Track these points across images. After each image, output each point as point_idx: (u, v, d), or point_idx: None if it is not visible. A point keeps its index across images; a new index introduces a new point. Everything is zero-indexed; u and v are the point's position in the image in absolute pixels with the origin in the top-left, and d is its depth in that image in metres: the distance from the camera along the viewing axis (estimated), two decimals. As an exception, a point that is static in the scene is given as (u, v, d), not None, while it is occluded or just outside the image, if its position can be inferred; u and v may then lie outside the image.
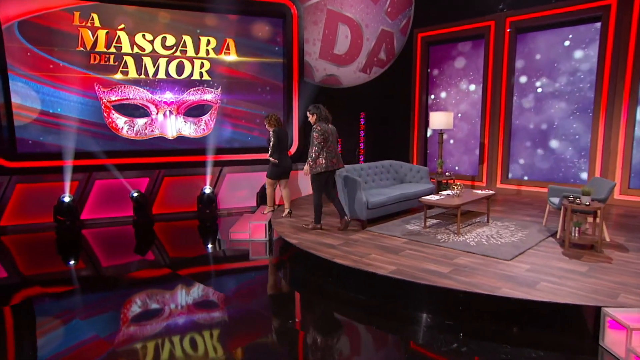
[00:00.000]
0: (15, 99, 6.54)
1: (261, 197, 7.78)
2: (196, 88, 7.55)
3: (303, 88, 8.12)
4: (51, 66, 6.66)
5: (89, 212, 6.96)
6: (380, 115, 9.29)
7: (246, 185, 7.87)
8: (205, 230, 6.95)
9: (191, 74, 7.46)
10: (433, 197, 5.38)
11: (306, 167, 5.35)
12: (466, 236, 5.02)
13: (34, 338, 3.56)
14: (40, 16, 6.50)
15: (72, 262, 5.63)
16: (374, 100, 9.16)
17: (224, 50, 7.62)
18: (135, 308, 4.09)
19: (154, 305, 4.10)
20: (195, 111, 7.62)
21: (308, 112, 5.43)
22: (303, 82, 8.13)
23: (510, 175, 8.07)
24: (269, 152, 6.29)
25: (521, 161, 7.92)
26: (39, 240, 6.32)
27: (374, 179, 6.40)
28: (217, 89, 7.70)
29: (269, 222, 6.10)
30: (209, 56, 7.54)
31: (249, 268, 5.39)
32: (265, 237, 6.02)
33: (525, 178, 7.89)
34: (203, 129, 7.72)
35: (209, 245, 6.28)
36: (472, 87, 8.45)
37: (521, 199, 7.46)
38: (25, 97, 6.59)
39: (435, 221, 5.73)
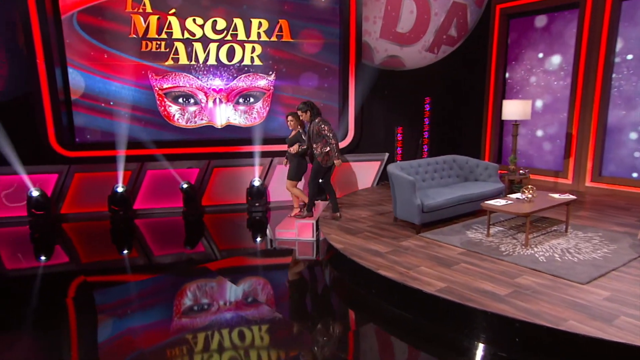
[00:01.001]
0: (73, 89, 7.13)
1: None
2: (247, 74, 7.69)
3: (361, 71, 7.95)
4: (105, 55, 7.13)
5: (141, 202, 7.47)
6: (448, 101, 8.84)
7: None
8: (254, 224, 7.17)
9: (242, 59, 7.61)
10: (498, 202, 5.04)
11: (337, 161, 5.85)
12: (536, 249, 4.67)
13: (92, 323, 4.05)
14: (96, 6, 6.96)
15: (125, 252, 6.17)
16: (441, 84, 8.73)
17: (276, 33, 7.66)
18: (180, 300, 4.43)
19: (189, 300, 4.38)
20: (246, 99, 7.79)
21: (299, 111, 5.87)
22: (361, 64, 7.95)
23: (604, 172, 7.33)
24: (305, 148, 6.13)
25: (619, 155, 7.14)
26: (95, 228, 6.94)
27: (433, 177, 6.14)
28: (269, 74, 7.79)
29: (317, 221, 6.13)
30: (261, 39, 7.62)
31: (290, 269, 5.51)
32: (313, 237, 6.07)
33: (624, 176, 7.12)
34: (254, 118, 7.88)
35: (256, 241, 6.52)
36: (557, 63, 7.71)
37: (616, 202, 6.74)
38: (83, 87, 7.15)
39: (500, 228, 5.39)
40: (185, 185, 7.31)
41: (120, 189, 7.16)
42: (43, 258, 5.96)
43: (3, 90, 6.77)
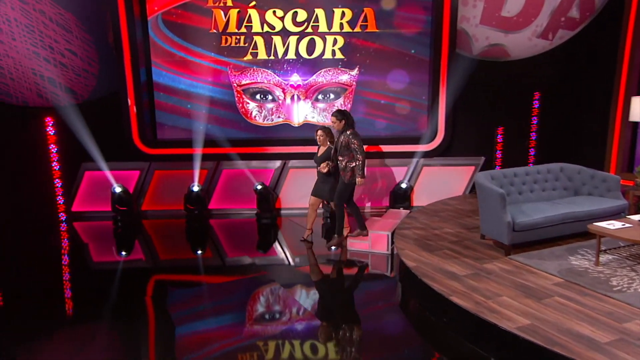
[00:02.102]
0: (156, 88, 7.75)
1: (395, 197, 7.65)
2: (327, 69, 7.72)
3: (455, 63, 7.54)
4: (186, 52, 7.63)
5: (216, 202, 7.90)
6: (563, 97, 8.02)
7: (379, 181, 7.83)
8: (331, 231, 7.20)
9: (322, 53, 7.65)
10: (611, 225, 4.45)
11: (359, 179, 5.78)
12: (659, 286, 4.04)
13: (165, 321, 4.44)
14: (180, 3, 7.47)
15: (199, 252, 6.61)
16: (555, 76, 7.94)
17: (360, 23, 7.57)
18: (251, 306, 4.77)
19: (259, 306, 4.70)
20: (326, 95, 7.83)
21: (334, 117, 5.76)
22: (455, 55, 7.55)
23: None
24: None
25: None
26: (171, 227, 7.49)
27: (533, 189, 5.61)
28: (352, 69, 7.74)
29: (392, 233, 5.96)
30: (343, 30, 7.59)
31: (357, 284, 5.49)
32: (387, 250, 5.92)
33: None
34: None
35: (331, 249, 6.53)
36: None
37: None
38: (165, 85, 7.74)
39: (615, 256, 4.75)
40: (259, 187, 7.56)
41: (195, 188, 7.63)
42: (124, 253, 6.59)
43: (94, 88, 7.59)
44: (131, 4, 7.20)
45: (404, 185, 7.65)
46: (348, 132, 5.68)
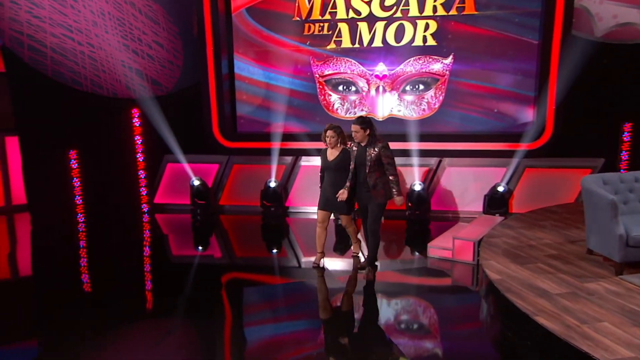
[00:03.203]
0: (238, 80, 8.10)
1: (490, 201, 7.21)
2: (417, 57, 7.50)
3: (569, 47, 6.92)
4: (269, 42, 7.88)
5: (293, 200, 8.03)
6: None
7: (472, 183, 7.43)
8: (411, 235, 6.99)
9: (412, 40, 7.45)
10: None
11: (399, 197, 5.18)
12: None
13: (238, 319, 4.63)
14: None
15: (274, 251, 6.78)
16: None
17: (456, 5, 7.25)
18: (324, 310, 4.80)
19: (333, 311, 4.75)
20: (414, 86, 7.62)
21: (358, 126, 5.05)
22: (570, 38, 6.92)
23: None
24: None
25: None
26: (248, 223, 7.76)
27: (656, 197, 4.95)
28: (446, 57, 7.45)
29: (479, 241, 5.61)
30: (437, 14, 7.33)
31: (436, 297, 5.22)
32: (473, 260, 5.58)
33: None
34: (424, 110, 7.65)
35: (414, 254, 6.40)
36: None
37: None
38: (247, 78, 8.06)
39: None
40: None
41: (272, 184, 7.83)
42: (200, 248, 6.95)
43: (177, 80, 8.14)
44: (216, -4, 7.63)
45: (501, 189, 7.18)
46: (380, 145, 5.02)
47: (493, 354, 4.09)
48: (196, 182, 7.98)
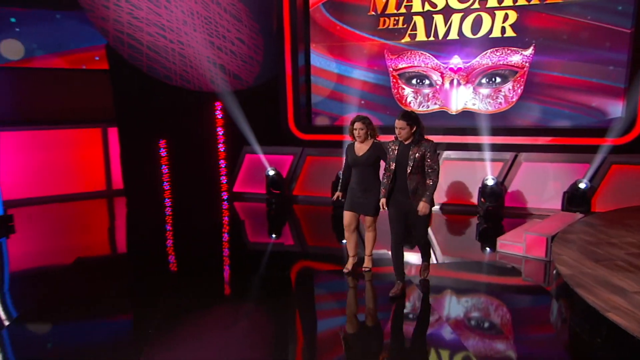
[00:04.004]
0: (314, 75, 8.15)
1: (570, 199, 6.64)
2: (494, 49, 7.10)
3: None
4: (344, 37, 7.85)
5: (364, 191, 7.92)
6: None
7: (550, 179, 6.90)
8: (482, 231, 6.63)
9: (490, 31, 7.07)
10: None
11: (424, 204, 4.16)
12: None
13: (309, 308, 4.44)
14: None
15: (344, 242, 6.66)
16: None
17: (539, -7, 6.79)
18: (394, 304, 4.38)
19: (402, 305, 4.38)
20: (491, 79, 7.22)
21: (403, 122, 4.13)
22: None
23: None
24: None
25: None
26: (320, 213, 7.74)
27: None
28: (526, 48, 6.99)
29: (553, 236, 5.17)
30: (517, 4, 6.89)
31: (505, 293, 4.86)
32: (546, 256, 5.16)
33: None
34: (500, 103, 7.23)
35: (477, 250, 6.07)
36: None
37: None
38: (322, 71, 8.08)
39: None
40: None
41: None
42: (274, 235, 7.04)
43: (257, 74, 8.34)
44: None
45: (582, 186, 6.57)
46: (426, 145, 4.18)
47: (562, 351, 3.74)
48: (271, 173, 8.11)
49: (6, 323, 4.12)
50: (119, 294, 4.85)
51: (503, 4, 6.95)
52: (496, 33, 7.06)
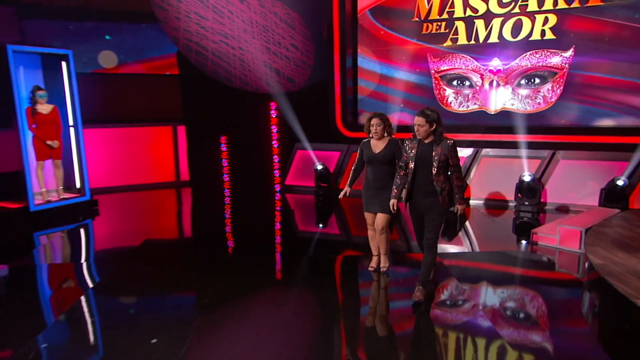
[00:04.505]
0: (360, 78, 8.18)
1: (607, 195, 6.33)
2: (534, 51, 6.88)
3: None
4: (389, 41, 7.84)
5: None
6: None
7: (587, 177, 6.61)
8: (518, 225, 6.44)
9: (529, 34, 6.85)
10: None
11: (462, 205, 3.91)
12: None
13: (353, 295, 4.36)
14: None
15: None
16: None
17: (580, -3, 6.52)
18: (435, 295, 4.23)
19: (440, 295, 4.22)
20: (530, 80, 7.00)
21: (423, 119, 3.74)
22: None
23: None
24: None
25: None
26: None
27: None
28: (565, 50, 6.73)
29: (587, 229, 4.97)
30: (557, 7, 6.64)
31: (539, 284, 4.63)
32: (580, 248, 4.96)
33: None
34: (539, 103, 6.99)
35: (512, 242, 5.92)
36: None
37: None
38: (368, 73, 8.11)
39: None
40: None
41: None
42: (321, 225, 7.14)
43: (308, 77, 8.47)
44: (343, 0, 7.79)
45: (620, 182, 6.25)
46: (448, 143, 3.79)
47: (593, 340, 3.57)
48: (320, 167, 8.21)
49: (90, 285, 4.54)
50: (181, 271, 5.03)
51: (543, 8, 6.72)
52: (536, 36, 6.84)
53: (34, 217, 6.59)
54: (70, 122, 7.14)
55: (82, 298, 4.24)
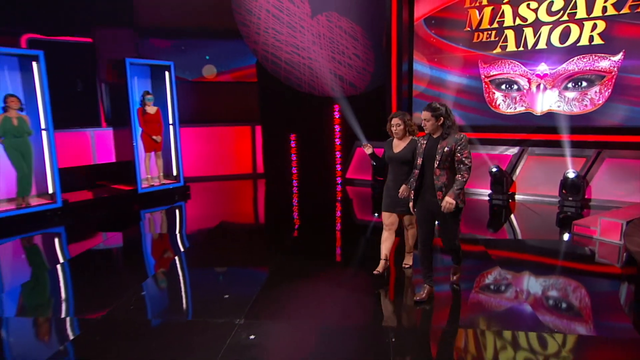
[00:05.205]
0: (415, 84, 8.20)
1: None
2: (581, 56, 6.57)
3: None
4: (443, 49, 7.80)
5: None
6: None
7: (633, 175, 6.21)
8: (561, 218, 6.21)
9: (577, 40, 6.56)
10: None
11: (449, 199, 3.25)
12: None
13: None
14: (442, 7, 7.70)
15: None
16: None
17: (629, 4, 6.13)
18: (475, 283, 4.03)
19: (482, 284, 4.04)
20: (577, 83, 6.69)
21: (429, 113, 3.29)
22: None
23: None
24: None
25: None
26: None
27: None
28: (614, 54, 6.37)
29: (629, 222, 4.73)
30: (606, 14, 6.30)
31: (579, 274, 4.34)
32: (621, 240, 4.74)
33: None
34: (585, 105, 6.67)
35: (554, 233, 5.72)
36: None
37: None
38: (422, 78, 8.11)
39: None
40: (494, 169, 7.09)
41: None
42: (376, 214, 7.19)
43: (368, 83, 8.62)
44: (401, 12, 7.85)
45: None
46: (458, 137, 3.29)
47: (631, 328, 3.37)
48: (374, 163, 8.30)
49: (182, 250, 5.06)
50: (252, 246, 5.33)
51: (592, 15, 6.40)
52: (584, 42, 6.53)
53: (141, 197, 7.33)
54: (170, 121, 7.84)
55: (176, 259, 4.74)
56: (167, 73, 7.66)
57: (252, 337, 2.99)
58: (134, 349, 2.93)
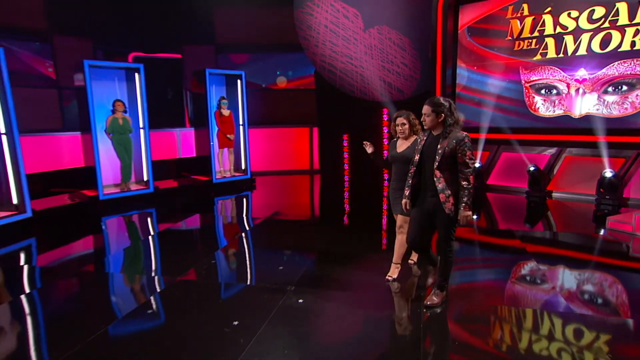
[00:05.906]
0: (458, 87, 8.07)
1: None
2: (622, 60, 6.15)
3: None
4: (486, 57, 7.61)
5: (493, 179, 7.60)
6: None
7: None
8: (598, 216, 5.89)
9: (619, 46, 6.15)
10: None
11: (466, 212, 2.86)
12: None
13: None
14: (484, 17, 7.52)
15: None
16: None
17: (675, 9, 5.67)
18: (511, 275, 3.90)
19: (518, 277, 3.88)
20: (617, 87, 6.28)
21: (429, 108, 2.94)
22: None
23: None
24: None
25: None
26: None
27: None
28: (658, 58, 5.92)
29: (661, 219, 4.44)
30: (650, 20, 5.87)
31: (611, 268, 4.10)
32: (653, 236, 4.47)
33: None
34: (626, 108, 6.24)
35: (589, 228, 5.45)
36: None
37: None
38: (465, 84, 7.96)
39: None
40: (532, 168, 6.85)
41: (477, 164, 7.57)
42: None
43: (415, 89, 8.60)
44: (446, 23, 7.76)
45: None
46: (460, 135, 2.85)
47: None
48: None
49: (247, 229, 5.44)
50: (305, 232, 5.42)
51: (634, 21, 5.98)
52: (625, 47, 6.13)
53: (215, 186, 7.91)
54: (241, 122, 8.36)
55: (243, 234, 5.16)
56: (239, 81, 8.18)
57: (300, 301, 3.28)
58: (204, 304, 3.32)
